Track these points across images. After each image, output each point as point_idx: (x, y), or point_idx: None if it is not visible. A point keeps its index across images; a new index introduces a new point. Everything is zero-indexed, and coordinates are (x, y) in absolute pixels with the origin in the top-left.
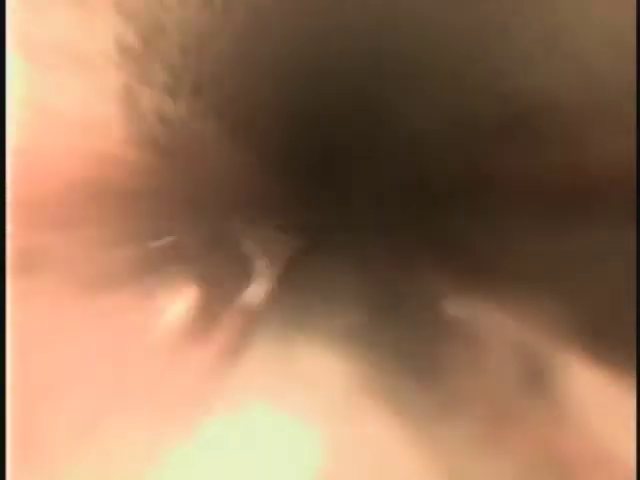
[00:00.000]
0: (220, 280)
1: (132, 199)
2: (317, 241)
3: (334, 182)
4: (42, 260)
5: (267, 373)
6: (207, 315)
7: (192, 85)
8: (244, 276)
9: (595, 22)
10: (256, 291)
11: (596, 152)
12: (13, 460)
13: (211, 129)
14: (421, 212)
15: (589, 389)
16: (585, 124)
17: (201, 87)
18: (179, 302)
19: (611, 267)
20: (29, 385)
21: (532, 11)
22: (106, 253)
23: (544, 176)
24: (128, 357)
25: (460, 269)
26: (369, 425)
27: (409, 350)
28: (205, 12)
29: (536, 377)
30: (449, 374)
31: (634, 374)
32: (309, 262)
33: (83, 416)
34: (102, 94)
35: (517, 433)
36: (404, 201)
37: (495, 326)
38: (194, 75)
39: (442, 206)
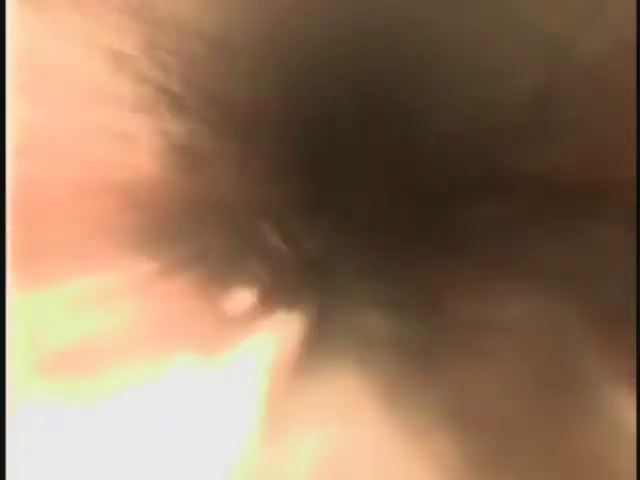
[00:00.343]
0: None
1: (141, 208)
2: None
3: (349, 184)
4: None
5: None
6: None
7: (206, 96)
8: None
9: (603, 26)
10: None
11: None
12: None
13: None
14: (429, 212)
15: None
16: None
17: (214, 98)
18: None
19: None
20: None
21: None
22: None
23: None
24: None
25: (476, 271)
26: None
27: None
28: (218, 19)
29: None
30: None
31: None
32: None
33: None
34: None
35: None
36: (420, 202)
37: (506, 328)
38: (209, 86)
39: (456, 207)
